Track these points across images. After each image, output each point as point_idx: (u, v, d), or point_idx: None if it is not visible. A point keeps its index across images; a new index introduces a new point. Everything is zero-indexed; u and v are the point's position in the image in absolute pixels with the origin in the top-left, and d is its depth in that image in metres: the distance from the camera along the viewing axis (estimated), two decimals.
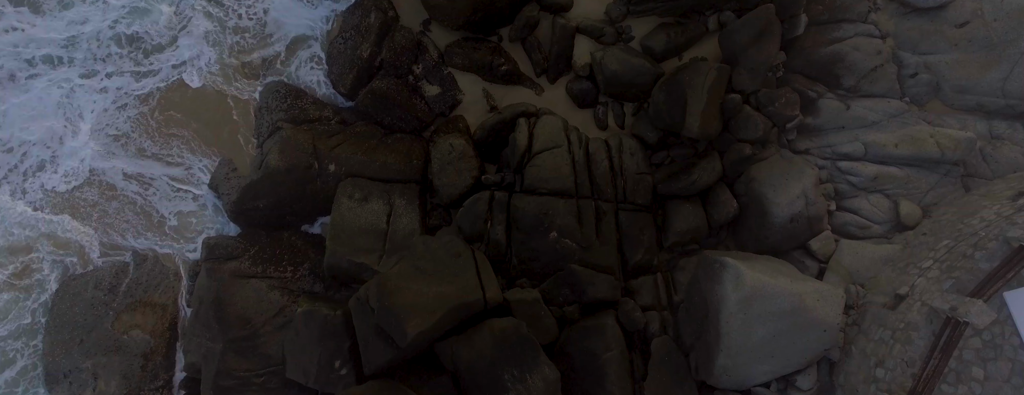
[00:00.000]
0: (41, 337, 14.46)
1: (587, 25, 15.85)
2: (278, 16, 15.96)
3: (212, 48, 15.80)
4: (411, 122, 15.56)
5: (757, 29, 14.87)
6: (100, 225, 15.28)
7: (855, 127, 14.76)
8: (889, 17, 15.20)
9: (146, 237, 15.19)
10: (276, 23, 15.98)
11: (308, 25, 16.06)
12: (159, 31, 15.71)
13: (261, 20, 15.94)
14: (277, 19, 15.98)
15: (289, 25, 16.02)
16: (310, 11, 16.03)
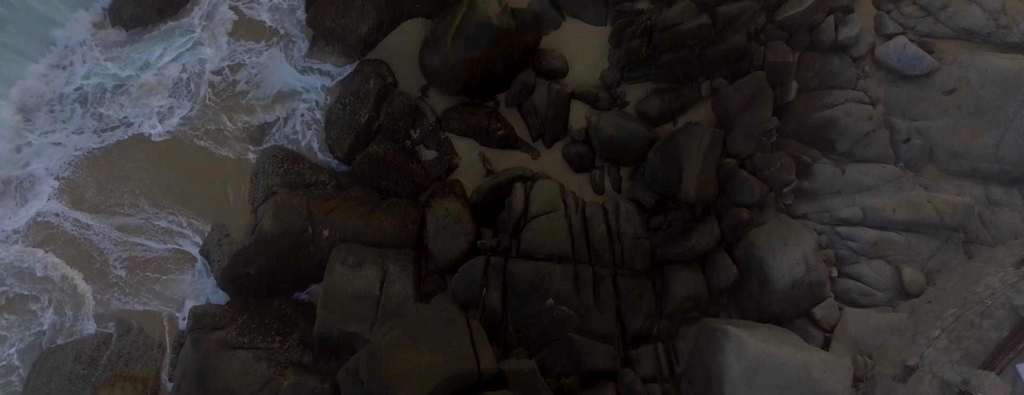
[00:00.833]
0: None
1: (583, 91, 16.14)
2: (277, 82, 16.24)
3: (211, 113, 15.97)
4: (407, 186, 15.53)
5: (749, 94, 15.15)
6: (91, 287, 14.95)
7: (852, 192, 14.75)
8: (878, 84, 15.52)
9: (134, 304, 14.80)
10: (275, 89, 16.24)
11: (307, 91, 16.31)
12: (157, 93, 15.94)
13: (260, 86, 16.19)
14: (276, 85, 16.25)
15: (288, 91, 16.27)
16: (309, 79, 16.33)
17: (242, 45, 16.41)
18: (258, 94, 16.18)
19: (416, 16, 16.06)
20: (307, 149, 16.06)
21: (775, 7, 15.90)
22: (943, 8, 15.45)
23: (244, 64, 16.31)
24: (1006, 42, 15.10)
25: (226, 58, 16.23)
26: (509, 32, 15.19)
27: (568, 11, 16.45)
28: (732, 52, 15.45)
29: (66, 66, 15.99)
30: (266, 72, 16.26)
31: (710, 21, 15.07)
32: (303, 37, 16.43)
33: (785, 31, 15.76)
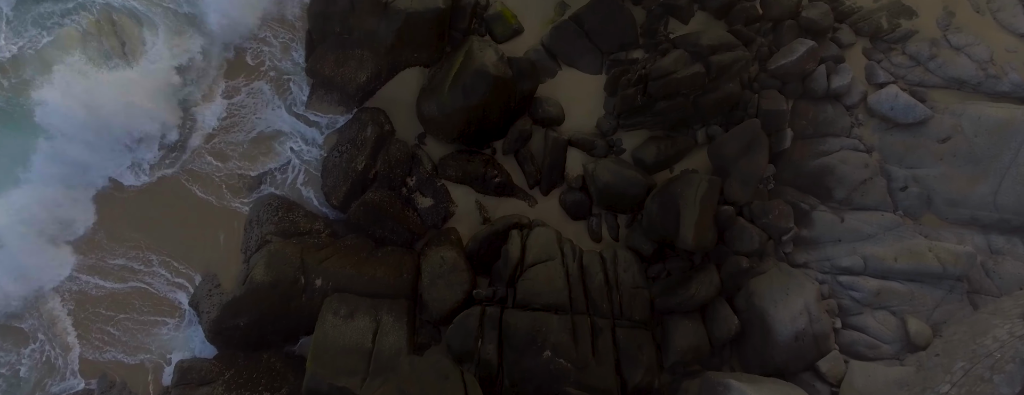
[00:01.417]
0: None
1: (579, 138, 16.21)
2: (274, 131, 16.28)
3: (205, 159, 15.94)
4: (403, 234, 15.37)
5: (745, 142, 15.23)
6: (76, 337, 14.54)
7: (852, 240, 14.62)
8: (872, 132, 15.62)
9: (119, 356, 14.36)
10: (272, 137, 16.26)
11: (304, 140, 16.34)
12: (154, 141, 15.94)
13: (256, 134, 16.23)
14: (273, 133, 16.28)
15: (285, 139, 16.30)
16: (306, 127, 16.39)
17: (239, 92, 16.49)
18: (254, 142, 16.18)
19: (414, 65, 16.25)
20: (302, 197, 15.96)
21: (767, 57, 16.18)
22: (932, 58, 15.72)
23: (240, 111, 16.39)
24: (996, 91, 15.30)
25: (222, 105, 16.28)
26: (506, 81, 15.35)
27: (564, 60, 16.69)
28: (726, 100, 15.62)
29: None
30: (263, 120, 16.33)
31: (704, 70, 15.28)
32: (302, 85, 16.58)
33: (778, 80, 15.98)
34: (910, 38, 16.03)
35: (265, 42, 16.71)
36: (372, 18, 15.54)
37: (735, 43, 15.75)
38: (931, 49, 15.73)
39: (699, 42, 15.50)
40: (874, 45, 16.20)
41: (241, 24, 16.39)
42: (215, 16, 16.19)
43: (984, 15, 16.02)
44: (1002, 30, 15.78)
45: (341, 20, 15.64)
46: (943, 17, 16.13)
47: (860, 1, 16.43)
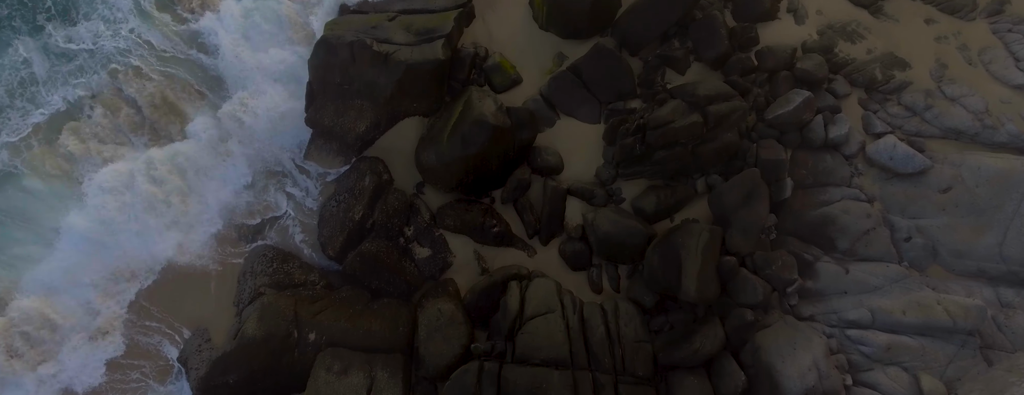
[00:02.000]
0: None
1: (578, 187, 16.12)
2: (271, 182, 16.18)
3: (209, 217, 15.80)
4: (400, 286, 15.05)
5: (745, 191, 15.14)
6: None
7: (858, 292, 14.34)
8: (873, 181, 15.57)
9: None
10: (268, 188, 16.16)
11: (301, 190, 16.24)
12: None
13: (252, 186, 16.13)
14: (269, 184, 16.18)
15: (281, 190, 16.19)
16: (304, 177, 16.33)
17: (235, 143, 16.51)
18: (250, 193, 16.06)
19: (413, 115, 16.32)
20: (298, 248, 15.72)
21: (764, 107, 16.30)
22: (928, 109, 15.84)
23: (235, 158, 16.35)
24: (994, 142, 15.35)
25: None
26: (504, 130, 15.40)
27: (562, 109, 16.78)
28: (725, 150, 15.63)
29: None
30: (259, 172, 16.27)
31: (701, 119, 15.35)
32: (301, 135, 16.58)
33: (776, 130, 16.04)
34: (905, 89, 16.20)
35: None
36: (372, 69, 15.70)
37: (732, 93, 15.90)
38: (926, 100, 15.88)
39: (696, 92, 15.64)
40: (870, 96, 16.35)
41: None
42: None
43: (976, 67, 16.25)
44: (995, 81, 15.98)
45: (342, 71, 15.80)
46: (936, 69, 16.35)
47: (853, 53, 16.68)
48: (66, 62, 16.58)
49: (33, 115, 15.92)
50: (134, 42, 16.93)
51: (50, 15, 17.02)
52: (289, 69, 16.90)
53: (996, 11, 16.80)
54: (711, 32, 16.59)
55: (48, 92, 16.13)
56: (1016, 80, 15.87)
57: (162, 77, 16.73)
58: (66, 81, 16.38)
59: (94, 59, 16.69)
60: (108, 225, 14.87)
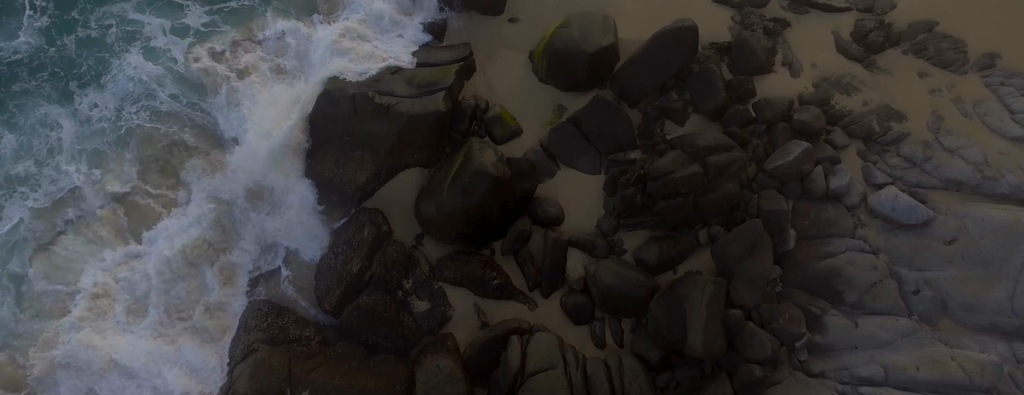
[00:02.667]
0: None
1: (579, 238, 15.95)
2: (270, 233, 16.02)
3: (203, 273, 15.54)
4: (397, 341, 14.62)
5: (748, 243, 14.98)
6: None
7: (869, 347, 13.96)
8: (877, 232, 15.43)
9: None
10: (265, 239, 15.97)
11: (299, 242, 16.03)
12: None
13: (246, 238, 15.94)
14: (268, 236, 16.01)
15: (277, 242, 16.01)
16: (302, 229, 16.15)
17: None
18: (245, 245, 15.84)
19: (414, 166, 16.31)
20: (293, 301, 15.36)
21: (763, 157, 16.35)
22: (927, 160, 15.89)
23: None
24: (996, 193, 15.32)
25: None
26: (505, 180, 15.36)
27: (563, 160, 16.81)
28: (726, 200, 15.58)
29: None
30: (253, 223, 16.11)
31: (702, 170, 15.36)
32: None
33: (776, 180, 16.04)
34: (903, 140, 16.31)
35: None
36: (374, 121, 15.81)
37: (731, 144, 15.98)
38: (925, 151, 15.96)
39: (696, 143, 15.72)
40: (868, 147, 16.45)
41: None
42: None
43: (972, 119, 16.43)
44: (992, 133, 16.11)
45: (343, 123, 15.90)
46: (932, 121, 16.53)
47: (850, 105, 16.89)
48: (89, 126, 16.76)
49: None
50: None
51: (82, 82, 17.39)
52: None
53: (987, 65, 17.14)
54: (708, 84, 16.86)
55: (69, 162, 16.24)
56: (1013, 132, 16.01)
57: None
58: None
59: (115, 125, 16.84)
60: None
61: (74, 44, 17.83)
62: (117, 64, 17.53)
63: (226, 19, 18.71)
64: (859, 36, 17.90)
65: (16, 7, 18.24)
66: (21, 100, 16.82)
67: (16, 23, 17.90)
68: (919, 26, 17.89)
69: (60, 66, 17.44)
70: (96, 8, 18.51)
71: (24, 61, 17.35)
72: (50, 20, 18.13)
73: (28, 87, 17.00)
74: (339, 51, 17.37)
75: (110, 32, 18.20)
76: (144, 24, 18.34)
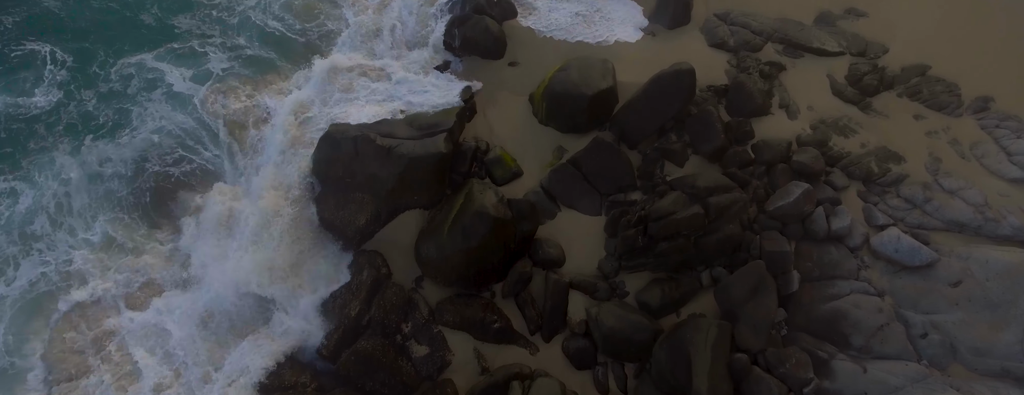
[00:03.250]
0: None
1: (581, 280, 15.77)
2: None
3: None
4: (395, 387, 14.27)
5: (751, 285, 14.82)
6: None
7: (879, 393, 13.59)
8: (881, 274, 15.28)
9: None
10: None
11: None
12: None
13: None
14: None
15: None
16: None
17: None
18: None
19: (414, 208, 16.29)
20: (289, 348, 15.02)
21: (764, 198, 16.36)
22: (927, 201, 15.90)
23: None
24: (998, 235, 15.26)
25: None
26: (505, 222, 15.32)
27: (563, 201, 16.81)
28: (728, 241, 15.50)
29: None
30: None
31: (703, 211, 15.35)
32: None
33: (778, 221, 15.99)
34: (903, 182, 16.36)
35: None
36: (375, 162, 15.87)
37: (731, 185, 16.03)
38: (925, 192, 15.99)
39: (696, 184, 15.76)
40: (868, 188, 16.48)
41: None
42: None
43: (970, 161, 16.53)
44: (990, 175, 16.18)
45: (344, 165, 15.96)
46: (930, 162, 16.62)
47: (847, 146, 17.02)
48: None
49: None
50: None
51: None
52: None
53: (981, 108, 17.38)
54: (707, 126, 17.02)
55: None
56: (1011, 174, 16.08)
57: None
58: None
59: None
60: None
61: (94, 98, 18.23)
62: (135, 117, 17.92)
63: (246, 65, 19.29)
64: (854, 79, 18.21)
65: (37, 61, 18.69)
66: (37, 156, 17.07)
67: (36, 77, 18.32)
68: (912, 70, 18.24)
69: (78, 120, 17.81)
70: (116, 60, 18.99)
71: (41, 117, 17.65)
72: (70, 74, 18.53)
73: (45, 144, 17.29)
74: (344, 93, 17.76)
75: (130, 83, 18.65)
76: (164, 72, 18.81)
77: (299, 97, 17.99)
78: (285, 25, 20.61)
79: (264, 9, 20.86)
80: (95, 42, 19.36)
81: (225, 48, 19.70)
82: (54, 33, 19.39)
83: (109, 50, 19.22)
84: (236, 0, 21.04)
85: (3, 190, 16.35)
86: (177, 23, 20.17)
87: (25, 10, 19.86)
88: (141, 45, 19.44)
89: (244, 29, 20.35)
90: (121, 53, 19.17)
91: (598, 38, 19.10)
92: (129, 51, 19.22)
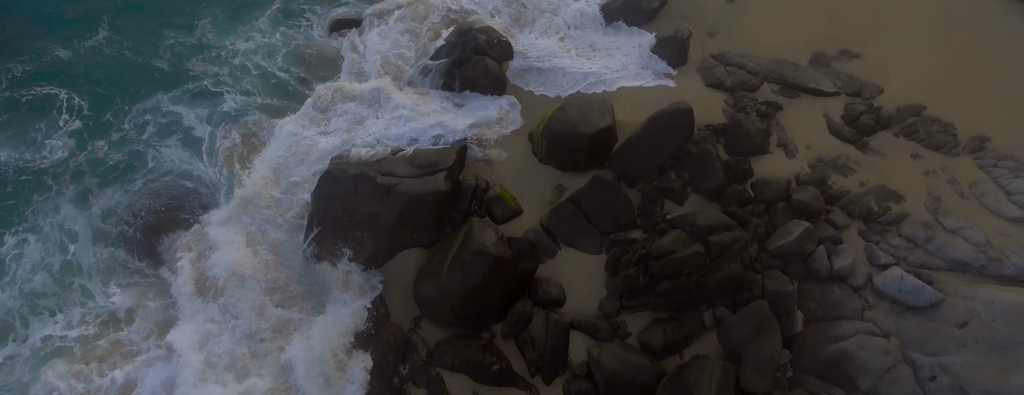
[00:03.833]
0: None
1: (581, 320, 15.54)
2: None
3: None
4: None
5: (754, 325, 14.59)
6: None
7: None
8: (886, 315, 15.08)
9: None
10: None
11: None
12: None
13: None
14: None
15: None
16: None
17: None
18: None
19: (413, 246, 16.20)
20: None
21: (765, 237, 16.28)
22: (929, 240, 15.83)
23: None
24: (1002, 275, 15.12)
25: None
26: (505, 260, 15.20)
27: (563, 240, 16.72)
28: (730, 281, 15.34)
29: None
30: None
31: (704, 250, 15.24)
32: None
33: (779, 260, 15.87)
34: (903, 221, 16.32)
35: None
36: (375, 200, 15.88)
37: (732, 224, 15.96)
38: (926, 231, 15.93)
39: (696, 222, 15.70)
40: (869, 227, 16.42)
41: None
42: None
43: (969, 200, 16.53)
44: (991, 214, 16.14)
45: (343, 203, 15.96)
46: (930, 201, 16.62)
47: (847, 185, 17.05)
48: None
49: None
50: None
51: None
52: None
53: (978, 148, 17.49)
54: (706, 165, 17.09)
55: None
56: (1011, 213, 16.06)
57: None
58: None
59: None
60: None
61: (106, 147, 18.47)
62: (150, 161, 18.11)
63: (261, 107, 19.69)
64: (850, 119, 18.41)
65: (53, 107, 18.96)
66: (43, 207, 17.17)
67: (51, 127, 18.53)
68: (908, 110, 18.45)
69: (88, 169, 17.97)
70: (130, 107, 19.33)
71: (49, 169, 17.82)
72: (83, 123, 18.80)
73: (50, 195, 17.40)
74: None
75: (145, 131, 18.99)
76: (181, 116, 19.17)
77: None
78: (289, 74, 21.06)
79: (268, 56, 21.36)
80: (110, 88, 19.84)
81: (238, 91, 20.04)
82: (68, 79, 19.82)
83: (124, 95, 19.67)
84: (241, 47, 21.52)
85: (12, 244, 16.34)
86: (191, 67, 20.65)
87: (38, 57, 20.37)
88: (156, 89, 19.91)
89: (250, 73, 20.73)
90: (136, 98, 19.58)
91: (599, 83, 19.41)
92: (144, 95, 19.66)
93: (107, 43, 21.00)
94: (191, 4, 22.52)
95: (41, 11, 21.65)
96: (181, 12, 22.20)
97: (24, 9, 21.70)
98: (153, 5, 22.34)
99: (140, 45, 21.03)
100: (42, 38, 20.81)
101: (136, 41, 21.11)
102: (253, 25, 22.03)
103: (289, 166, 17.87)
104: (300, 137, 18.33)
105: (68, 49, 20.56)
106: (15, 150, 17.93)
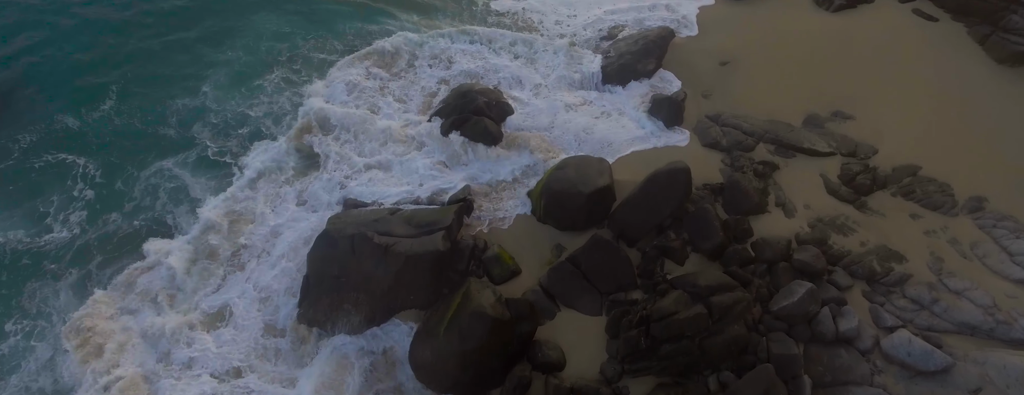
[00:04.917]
0: None
1: (582, 386, 14.98)
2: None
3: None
4: None
5: (761, 390, 14.05)
6: None
7: None
8: (896, 380, 14.60)
9: None
10: None
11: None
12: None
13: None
14: None
15: None
16: None
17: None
18: None
19: (410, 308, 15.90)
20: None
21: (767, 298, 16.00)
22: (935, 302, 15.55)
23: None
24: (1011, 338, 14.77)
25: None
26: (504, 322, 14.86)
27: (563, 301, 16.43)
28: (733, 343, 14.94)
29: None
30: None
31: (706, 311, 14.93)
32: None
33: (783, 322, 15.53)
34: (907, 281, 16.09)
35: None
36: (371, 261, 15.69)
37: (733, 284, 15.72)
38: (931, 293, 15.67)
39: (697, 283, 15.47)
40: (872, 288, 16.18)
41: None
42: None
43: (972, 261, 16.38)
44: (994, 275, 15.95)
45: (340, 264, 15.77)
46: (933, 262, 16.47)
47: (847, 245, 16.94)
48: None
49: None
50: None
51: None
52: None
53: (976, 208, 17.50)
54: (705, 224, 17.03)
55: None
56: (1015, 274, 15.87)
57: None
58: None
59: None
60: None
61: (112, 225, 18.42)
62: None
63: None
64: (847, 178, 18.52)
65: (67, 177, 19.27)
66: (36, 293, 16.98)
67: (61, 202, 18.73)
68: (903, 170, 18.60)
69: (97, 249, 17.88)
70: (140, 172, 19.53)
71: (50, 252, 17.80)
72: (95, 192, 19.00)
73: (45, 281, 17.25)
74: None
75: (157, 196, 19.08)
76: (187, 184, 19.35)
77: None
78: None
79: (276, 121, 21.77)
80: (119, 156, 20.13)
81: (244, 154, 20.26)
82: (79, 148, 20.14)
83: (133, 162, 19.96)
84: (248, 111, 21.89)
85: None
86: (196, 132, 20.97)
87: (47, 127, 20.78)
88: (164, 154, 20.20)
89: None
90: (144, 164, 19.83)
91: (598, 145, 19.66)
92: (152, 161, 19.94)
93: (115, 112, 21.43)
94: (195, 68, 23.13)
95: (51, 82, 22.23)
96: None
97: (34, 80, 22.27)
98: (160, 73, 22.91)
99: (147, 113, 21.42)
100: (52, 107, 21.24)
101: (144, 109, 21.51)
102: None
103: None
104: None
105: (77, 118, 20.95)
106: (24, 228, 18.07)
